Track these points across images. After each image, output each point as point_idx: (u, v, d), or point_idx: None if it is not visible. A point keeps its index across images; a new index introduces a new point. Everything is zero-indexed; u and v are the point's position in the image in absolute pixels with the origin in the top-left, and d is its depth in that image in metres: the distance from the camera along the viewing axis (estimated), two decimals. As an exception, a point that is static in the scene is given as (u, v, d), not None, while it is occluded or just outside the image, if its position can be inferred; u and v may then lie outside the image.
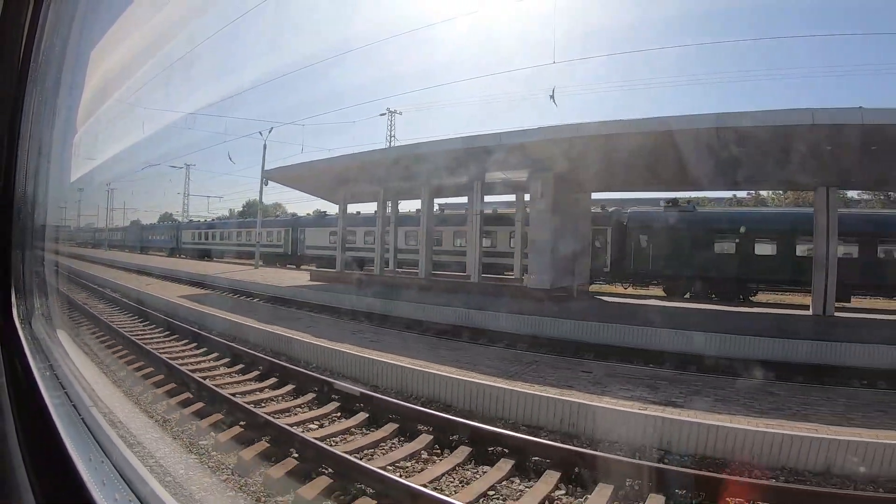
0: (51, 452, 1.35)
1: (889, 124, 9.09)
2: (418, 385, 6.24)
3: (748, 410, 5.17)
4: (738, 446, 4.40)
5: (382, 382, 6.53)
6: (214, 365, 7.51)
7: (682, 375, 6.75)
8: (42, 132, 1.91)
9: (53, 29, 1.76)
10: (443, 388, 6.03)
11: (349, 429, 5.16)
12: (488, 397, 5.66)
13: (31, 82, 1.68)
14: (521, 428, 5.13)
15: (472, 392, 5.79)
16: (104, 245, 46.44)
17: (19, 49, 1.56)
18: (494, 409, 5.56)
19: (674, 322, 10.14)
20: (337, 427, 5.19)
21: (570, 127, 12.05)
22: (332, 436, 4.95)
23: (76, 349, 4.27)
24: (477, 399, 5.72)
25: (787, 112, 9.75)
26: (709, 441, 4.52)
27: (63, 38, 1.93)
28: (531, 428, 5.15)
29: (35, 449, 1.33)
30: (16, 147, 1.66)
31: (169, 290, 15.41)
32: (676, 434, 4.63)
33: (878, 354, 8.00)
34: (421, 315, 11.63)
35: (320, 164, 18.30)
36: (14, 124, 1.63)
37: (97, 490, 1.22)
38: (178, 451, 4.28)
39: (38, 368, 1.80)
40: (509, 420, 5.38)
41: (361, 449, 4.64)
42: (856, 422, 4.84)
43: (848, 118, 9.29)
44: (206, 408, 5.52)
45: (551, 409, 5.22)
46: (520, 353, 8.05)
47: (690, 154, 10.73)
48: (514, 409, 5.45)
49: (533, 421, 5.28)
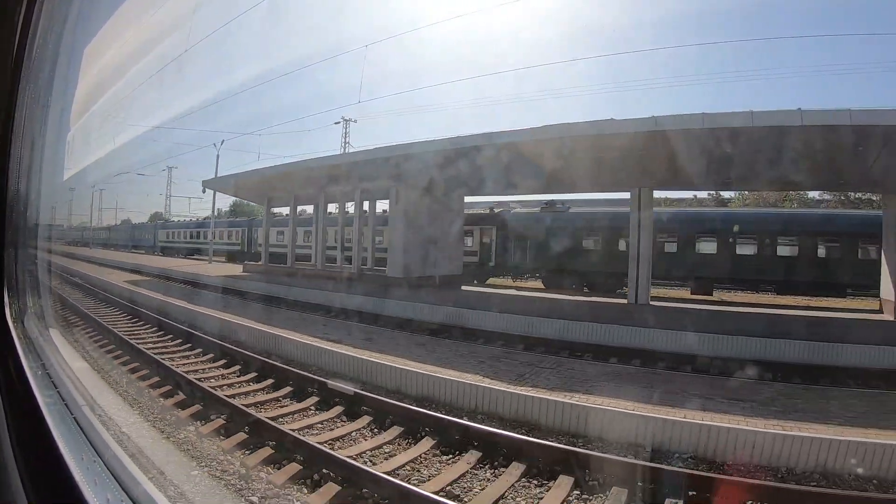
0: (43, 452, 1.34)
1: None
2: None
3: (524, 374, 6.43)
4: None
5: (245, 338, 8.69)
6: (137, 326, 10.05)
7: (442, 340, 9.01)
8: (35, 130, 1.90)
9: (47, 26, 1.75)
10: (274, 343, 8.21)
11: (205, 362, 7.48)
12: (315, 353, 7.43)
13: (25, 80, 1.67)
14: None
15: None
16: (90, 243, 47.27)
17: (12, 46, 1.55)
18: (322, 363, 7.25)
19: (502, 307, 11.64)
20: (207, 370, 7.19)
21: (421, 143, 14.18)
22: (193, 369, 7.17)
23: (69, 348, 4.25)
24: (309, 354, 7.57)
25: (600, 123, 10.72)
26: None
27: (57, 35, 1.91)
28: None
29: (27, 448, 1.32)
30: (9, 145, 1.65)
31: (123, 276, 18.41)
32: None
33: (638, 335, 9.25)
34: (291, 296, 14.33)
35: (244, 175, 21.41)
36: (7, 122, 1.62)
37: (89, 489, 1.22)
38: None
39: (31, 368, 1.79)
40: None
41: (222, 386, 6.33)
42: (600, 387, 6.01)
43: (640, 126, 10.09)
44: (120, 353, 7.72)
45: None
46: (344, 321, 10.86)
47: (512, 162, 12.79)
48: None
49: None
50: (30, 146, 1.86)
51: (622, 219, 15.69)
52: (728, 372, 7.00)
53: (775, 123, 9.00)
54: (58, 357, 2.59)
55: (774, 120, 9.01)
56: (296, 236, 22.20)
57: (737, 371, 6.95)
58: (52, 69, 1.95)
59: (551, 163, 12.49)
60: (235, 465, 4.06)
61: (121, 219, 53.84)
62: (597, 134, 10.55)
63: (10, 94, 1.60)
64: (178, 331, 9.14)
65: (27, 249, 2.22)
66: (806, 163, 11.15)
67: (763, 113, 9.06)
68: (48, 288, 3.52)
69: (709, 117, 9.41)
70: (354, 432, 4.99)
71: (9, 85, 1.58)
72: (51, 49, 1.85)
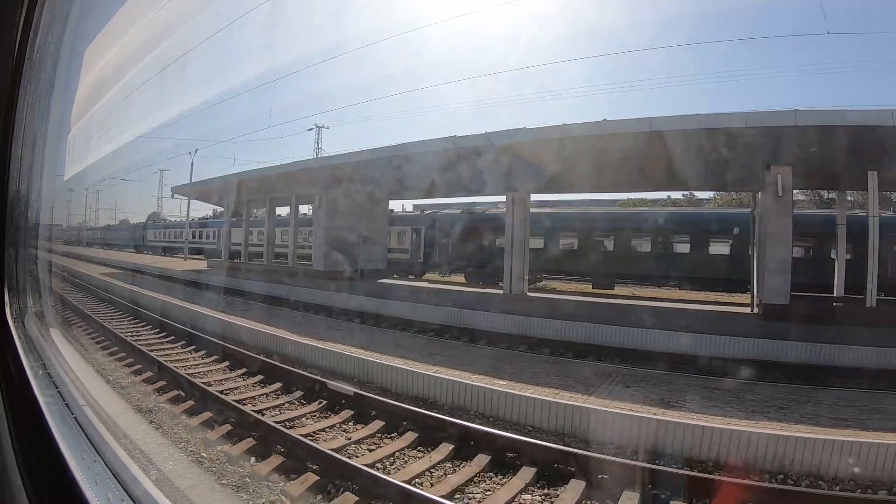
0: (43, 452, 1.35)
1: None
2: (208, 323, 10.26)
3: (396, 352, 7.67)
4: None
5: (203, 325, 10.10)
6: (109, 310, 12.35)
7: (321, 316, 11.45)
8: (36, 131, 1.90)
9: (48, 26, 1.75)
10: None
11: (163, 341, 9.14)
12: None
13: (26, 80, 1.67)
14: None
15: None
16: (83, 242, 49.29)
17: (13, 46, 1.55)
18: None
19: (398, 296, 13.21)
20: (173, 352, 8.54)
21: (343, 156, 16.62)
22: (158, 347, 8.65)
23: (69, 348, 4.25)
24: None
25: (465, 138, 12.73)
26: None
27: (58, 36, 1.91)
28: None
29: (28, 448, 1.33)
30: (9, 145, 1.65)
31: (100, 270, 20.99)
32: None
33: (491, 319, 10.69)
34: (233, 286, 16.34)
35: (201, 183, 25.02)
36: (8, 123, 1.62)
37: (90, 489, 1.22)
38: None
39: (31, 367, 1.79)
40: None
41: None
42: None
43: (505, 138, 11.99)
44: (88, 325, 10.00)
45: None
46: (258, 304, 13.34)
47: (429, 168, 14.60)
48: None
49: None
50: (30, 146, 1.86)
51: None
52: (509, 344, 8.89)
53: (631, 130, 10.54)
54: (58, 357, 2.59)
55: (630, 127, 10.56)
56: (249, 237, 25.02)
57: (517, 344, 8.90)
58: (53, 70, 1.95)
59: (450, 171, 14.52)
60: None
61: (119, 219, 55.50)
62: (484, 144, 12.52)
63: (10, 94, 1.60)
64: (126, 308, 12.11)
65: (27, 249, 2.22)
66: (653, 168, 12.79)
67: (615, 122, 10.86)
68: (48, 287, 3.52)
69: (565, 128, 11.47)
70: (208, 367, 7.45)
71: (9, 85, 1.58)
72: (51, 49, 1.85)
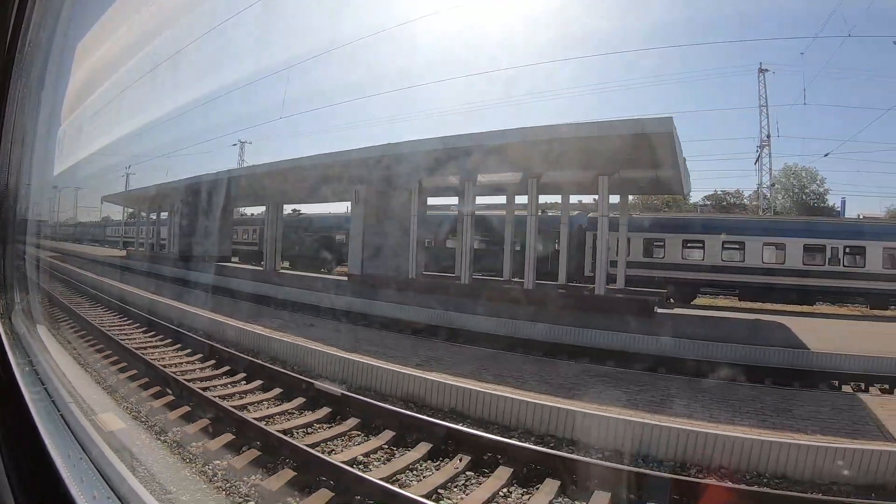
0: (29, 449, 1.33)
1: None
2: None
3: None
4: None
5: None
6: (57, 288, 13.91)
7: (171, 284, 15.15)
8: (26, 125, 1.88)
9: (40, 20, 1.73)
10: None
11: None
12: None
13: (16, 74, 1.65)
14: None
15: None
16: (58, 238, 49.06)
17: (5, 40, 1.54)
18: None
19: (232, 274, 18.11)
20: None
21: (195, 177, 22.39)
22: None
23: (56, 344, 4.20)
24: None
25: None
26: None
27: (50, 30, 1.90)
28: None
29: (13, 446, 1.31)
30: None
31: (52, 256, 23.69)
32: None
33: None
34: (129, 266, 20.71)
35: (124, 193, 32.86)
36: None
37: (76, 487, 1.21)
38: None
39: (18, 364, 1.78)
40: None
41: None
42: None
43: None
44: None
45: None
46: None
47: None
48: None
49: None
50: (20, 142, 1.84)
51: (314, 221, 27.43)
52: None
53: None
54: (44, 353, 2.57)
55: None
56: (159, 233, 30.91)
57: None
58: (45, 64, 1.93)
59: (292, 182, 18.28)
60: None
61: (102, 216, 57.92)
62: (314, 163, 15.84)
63: (1, 88, 1.59)
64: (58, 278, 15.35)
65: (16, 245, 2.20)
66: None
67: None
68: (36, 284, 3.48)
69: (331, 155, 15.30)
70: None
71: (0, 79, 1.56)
72: (43, 44, 1.83)
